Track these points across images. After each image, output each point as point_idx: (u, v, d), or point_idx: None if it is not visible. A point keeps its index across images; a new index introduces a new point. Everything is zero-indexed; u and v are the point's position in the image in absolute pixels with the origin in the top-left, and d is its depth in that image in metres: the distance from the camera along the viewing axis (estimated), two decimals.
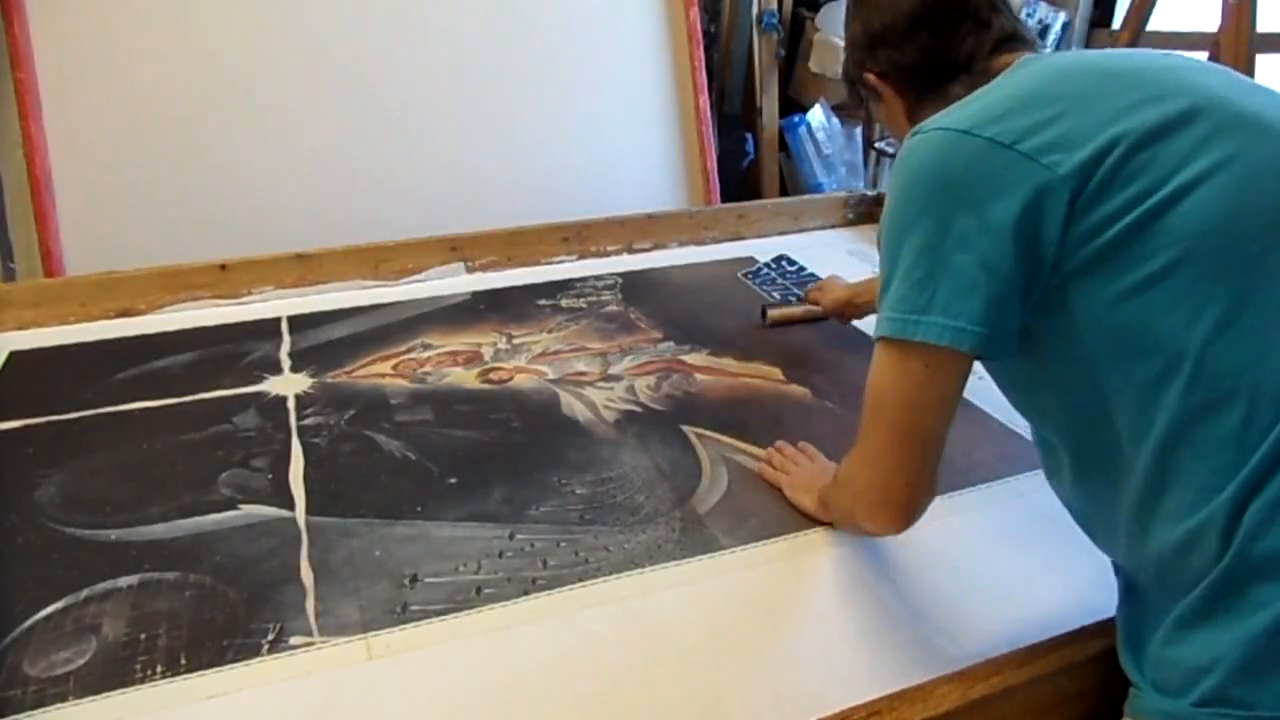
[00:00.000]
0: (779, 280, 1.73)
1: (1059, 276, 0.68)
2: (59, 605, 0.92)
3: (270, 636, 0.88)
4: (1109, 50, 0.85)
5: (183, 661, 0.85)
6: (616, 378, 1.38)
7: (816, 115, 2.52)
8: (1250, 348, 0.63)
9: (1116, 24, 2.50)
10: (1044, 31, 2.51)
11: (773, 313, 1.51)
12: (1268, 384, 0.62)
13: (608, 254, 1.84)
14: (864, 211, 2.05)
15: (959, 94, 0.79)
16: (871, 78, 0.93)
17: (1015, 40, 0.86)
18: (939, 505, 0.91)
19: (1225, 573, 0.62)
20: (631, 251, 1.86)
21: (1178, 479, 0.65)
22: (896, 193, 0.73)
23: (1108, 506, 0.73)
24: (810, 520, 1.03)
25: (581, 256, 1.82)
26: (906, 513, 0.78)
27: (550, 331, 1.53)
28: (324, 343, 1.48)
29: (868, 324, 1.50)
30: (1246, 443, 0.62)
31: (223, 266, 1.60)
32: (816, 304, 1.49)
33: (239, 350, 1.45)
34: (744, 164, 2.61)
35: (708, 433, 1.23)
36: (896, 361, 0.73)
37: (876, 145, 2.58)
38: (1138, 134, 0.67)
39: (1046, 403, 0.76)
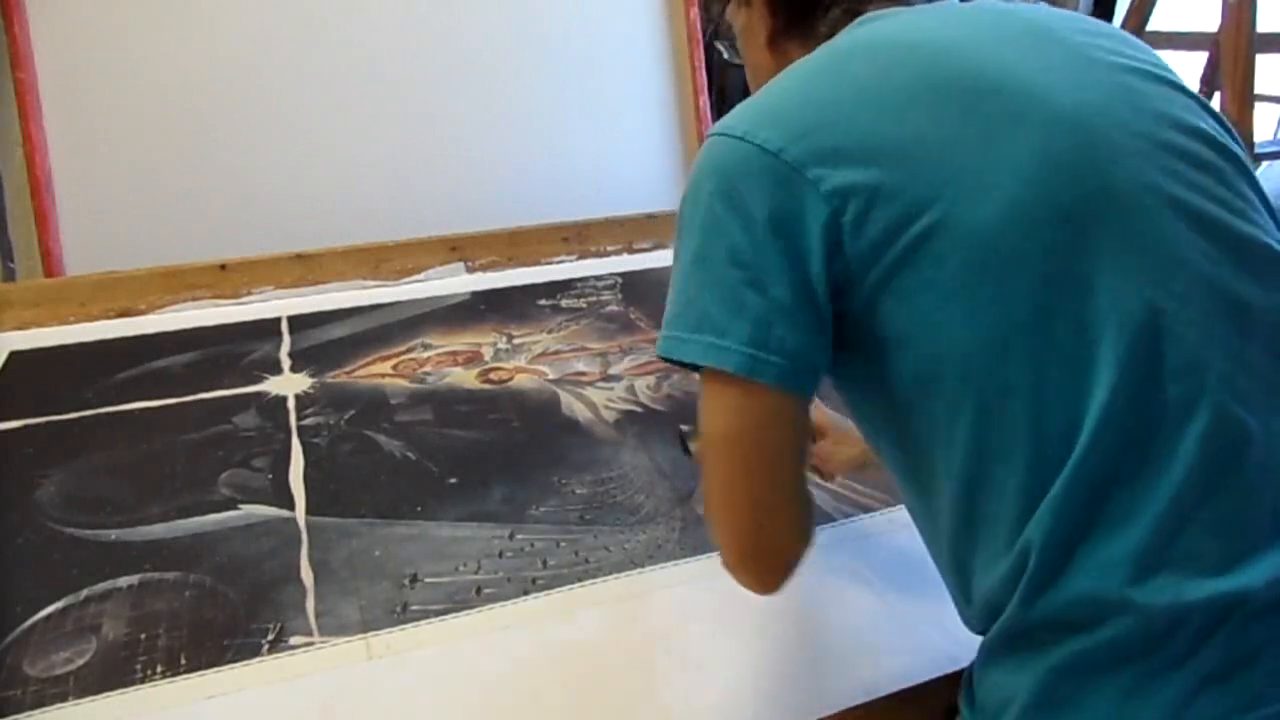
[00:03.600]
0: None
1: (847, 303, 0.62)
2: (59, 605, 0.92)
3: (270, 636, 0.88)
4: (939, 7, 0.71)
5: (183, 661, 0.85)
6: (617, 378, 1.38)
7: None
8: (1030, 379, 0.57)
9: (1116, 24, 2.50)
10: None
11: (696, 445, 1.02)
12: (1050, 421, 0.57)
13: (608, 254, 1.84)
14: None
15: (823, 34, 0.72)
16: None
17: None
18: None
19: (1015, 619, 0.59)
20: (631, 251, 1.86)
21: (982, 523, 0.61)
22: (682, 198, 0.68)
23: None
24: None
25: (581, 256, 1.82)
26: (778, 567, 0.67)
27: (550, 331, 1.53)
28: (324, 343, 1.48)
29: None
30: (1032, 490, 0.57)
31: (223, 266, 1.60)
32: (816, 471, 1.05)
33: (239, 350, 1.45)
34: None
35: None
36: (710, 389, 0.64)
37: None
38: (903, 145, 0.60)
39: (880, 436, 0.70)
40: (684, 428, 1.07)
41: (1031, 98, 0.61)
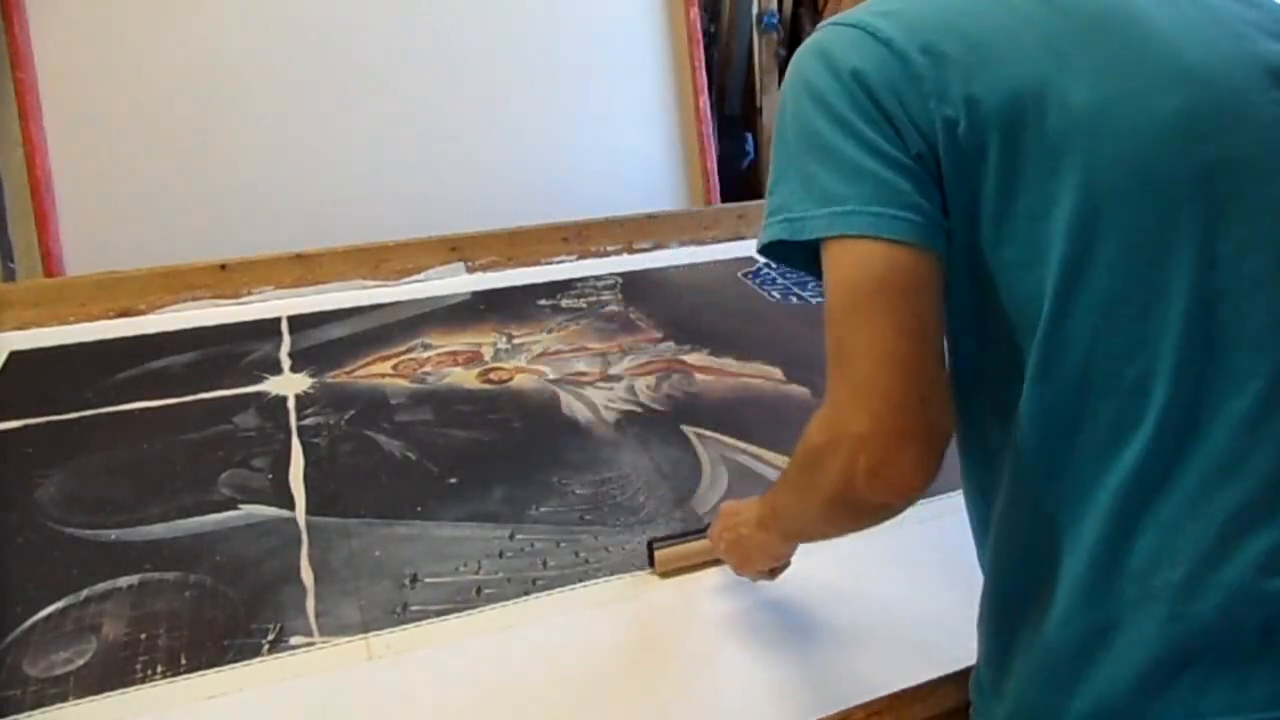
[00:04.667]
0: (779, 280, 1.74)
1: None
2: (59, 605, 0.92)
3: (270, 636, 0.88)
4: None
5: (183, 661, 0.85)
6: (617, 378, 1.38)
7: None
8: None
9: None
10: None
11: (662, 553, 0.97)
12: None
13: (608, 254, 1.84)
14: None
15: None
16: None
17: None
18: (938, 505, 0.92)
19: None
20: (631, 251, 1.86)
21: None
22: (785, 85, 0.67)
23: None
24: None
25: (581, 256, 1.82)
26: (930, 438, 0.58)
27: (550, 331, 1.53)
28: (324, 343, 1.48)
29: None
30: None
31: (223, 266, 1.60)
32: None
33: (239, 350, 1.45)
34: (744, 164, 2.61)
35: (708, 433, 1.23)
36: (841, 255, 0.61)
37: None
38: (1010, 63, 0.59)
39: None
40: (653, 539, 0.99)
41: (1164, 51, 0.61)
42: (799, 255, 0.65)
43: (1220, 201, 0.58)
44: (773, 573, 0.88)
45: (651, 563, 0.97)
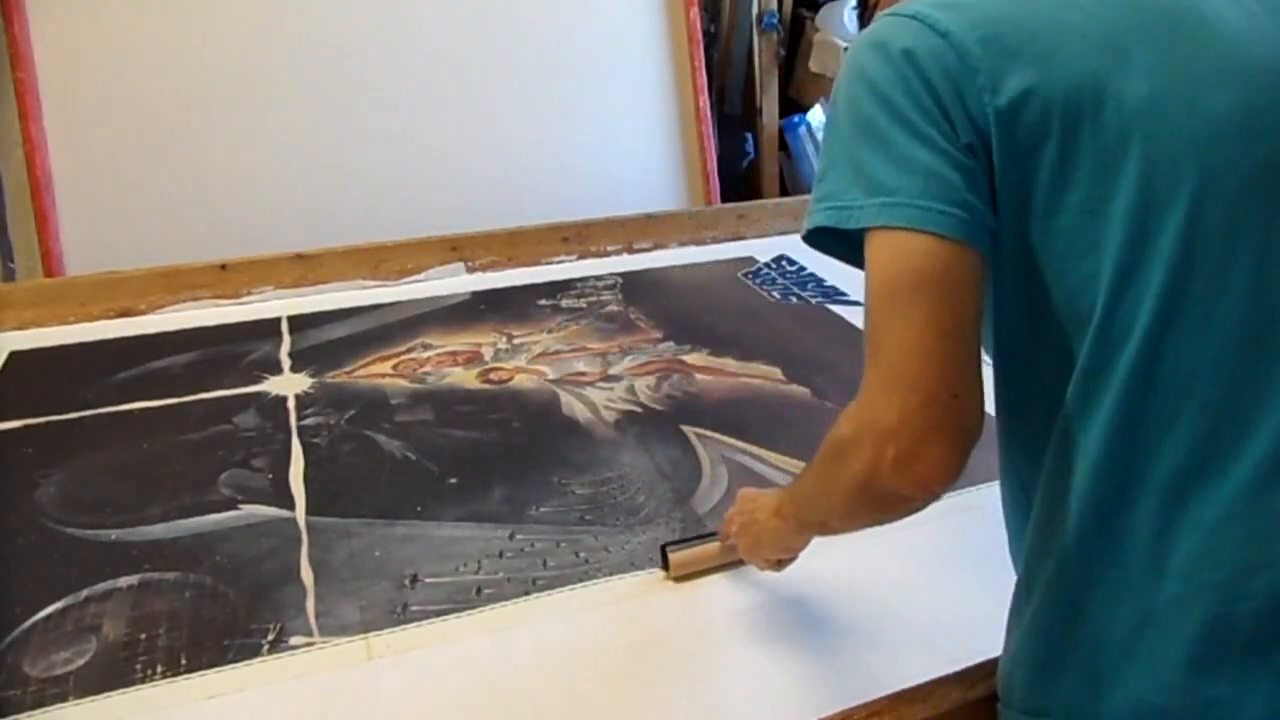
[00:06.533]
0: (779, 280, 1.73)
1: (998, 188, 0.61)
2: (59, 605, 0.92)
3: (270, 636, 0.88)
4: None
5: (183, 661, 0.85)
6: (616, 378, 1.38)
7: (816, 115, 2.52)
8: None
9: None
10: None
11: (676, 556, 0.96)
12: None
13: (608, 254, 1.84)
14: None
15: None
16: None
17: None
18: (938, 505, 0.91)
19: None
20: (631, 251, 1.86)
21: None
22: (840, 74, 0.67)
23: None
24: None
25: (581, 256, 1.82)
26: (958, 433, 0.58)
27: (550, 331, 1.53)
28: (324, 343, 1.48)
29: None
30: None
31: (223, 266, 1.60)
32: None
33: (239, 350, 1.45)
34: (744, 164, 2.60)
35: (708, 433, 1.23)
36: (884, 245, 0.61)
37: None
38: (1075, 55, 0.59)
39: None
40: (667, 543, 0.98)
41: (1226, 47, 0.61)
42: (843, 245, 0.65)
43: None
44: (779, 564, 0.88)
45: (665, 566, 0.96)
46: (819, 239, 0.66)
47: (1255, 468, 0.56)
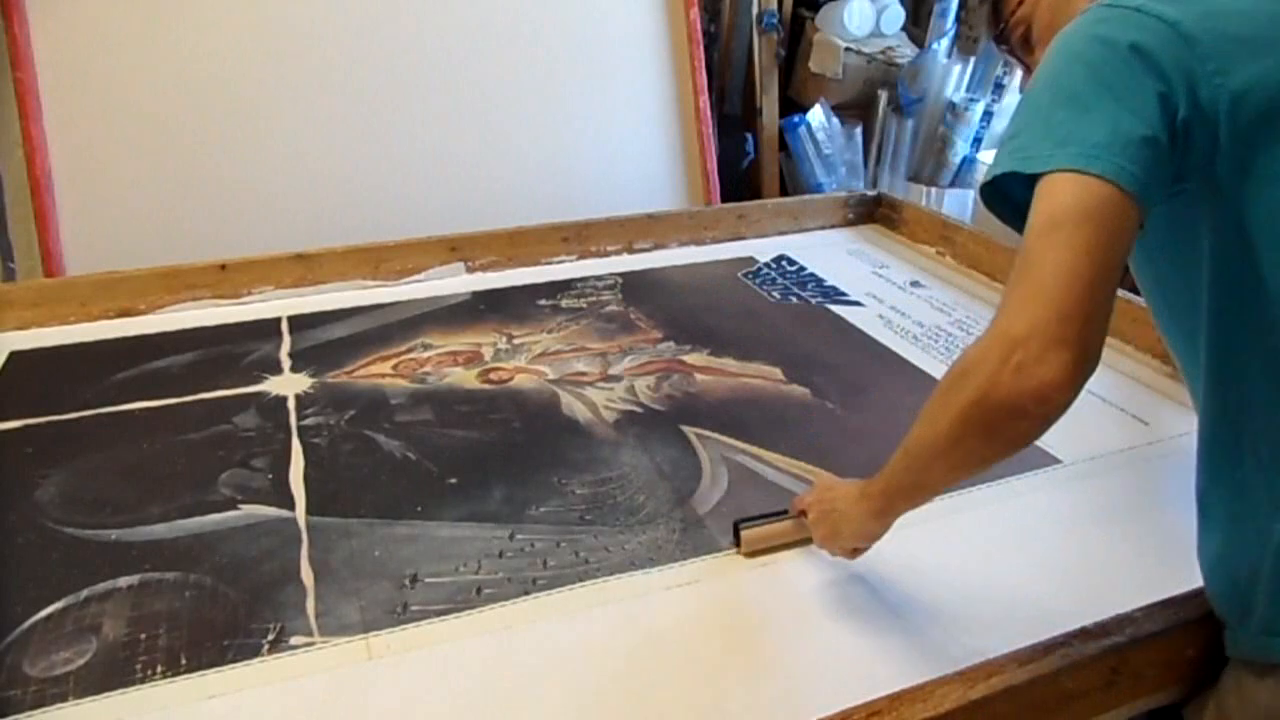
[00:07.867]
0: (779, 280, 1.74)
1: (1197, 163, 0.67)
2: (59, 605, 0.92)
3: (270, 636, 0.88)
4: None
5: (183, 661, 0.85)
6: (616, 378, 1.38)
7: (816, 115, 2.52)
8: None
9: None
10: None
11: (748, 533, 0.99)
12: None
13: (608, 254, 1.84)
14: (864, 211, 2.05)
15: None
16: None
17: None
18: (938, 505, 0.92)
19: None
20: (631, 251, 1.86)
21: None
22: (1057, 42, 0.72)
23: None
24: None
25: (581, 256, 1.82)
26: (1082, 354, 0.62)
27: (550, 331, 1.53)
28: (324, 343, 1.48)
29: (867, 323, 1.50)
30: None
31: (223, 266, 1.60)
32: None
33: (239, 350, 1.45)
34: (744, 164, 2.61)
35: (708, 433, 1.23)
36: (1057, 183, 0.66)
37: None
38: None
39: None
40: (739, 520, 1.00)
41: None
42: (1019, 196, 0.69)
43: None
44: (855, 551, 0.90)
45: (737, 543, 0.99)
46: (993, 196, 0.72)
47: None
